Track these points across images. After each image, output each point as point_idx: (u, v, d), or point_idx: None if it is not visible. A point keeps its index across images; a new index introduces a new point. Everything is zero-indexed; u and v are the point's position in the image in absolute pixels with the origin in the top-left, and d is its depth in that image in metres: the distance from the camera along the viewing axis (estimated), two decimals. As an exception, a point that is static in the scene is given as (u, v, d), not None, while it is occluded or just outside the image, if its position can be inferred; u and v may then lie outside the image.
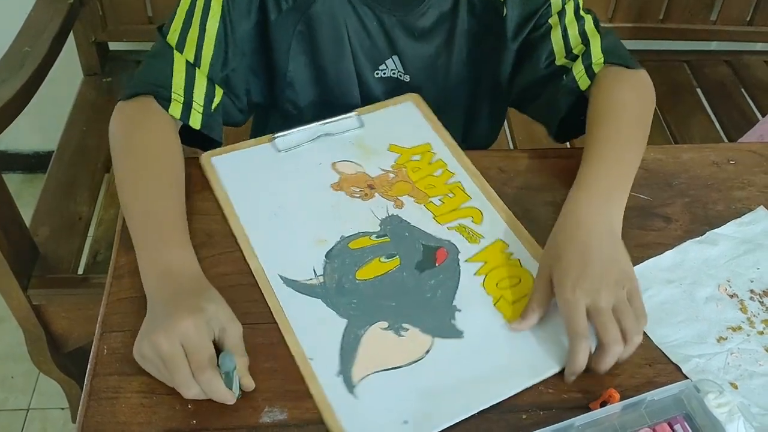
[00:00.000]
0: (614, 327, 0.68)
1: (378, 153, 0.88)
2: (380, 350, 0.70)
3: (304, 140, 0.88)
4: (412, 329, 0.72)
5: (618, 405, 0.65)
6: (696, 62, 1.77)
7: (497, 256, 0.79)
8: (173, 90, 0.83)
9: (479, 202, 0.84)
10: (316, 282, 0.75)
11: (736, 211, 0.88)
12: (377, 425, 0.65)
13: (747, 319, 0.78)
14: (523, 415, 0.67)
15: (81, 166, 1.38)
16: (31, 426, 1.56)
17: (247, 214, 0.80)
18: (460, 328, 0.73)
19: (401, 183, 0.85)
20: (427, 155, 0.89)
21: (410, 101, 0.95)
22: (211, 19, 0.85)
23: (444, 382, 0.68)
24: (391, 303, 0.74)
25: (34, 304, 1.19)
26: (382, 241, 0.79)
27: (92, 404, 0.65)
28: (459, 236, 0.81)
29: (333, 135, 0.89)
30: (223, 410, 0.65)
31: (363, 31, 0.93)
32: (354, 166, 0.87)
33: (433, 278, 0.77)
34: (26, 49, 1.24)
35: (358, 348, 0.70)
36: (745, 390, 0.71)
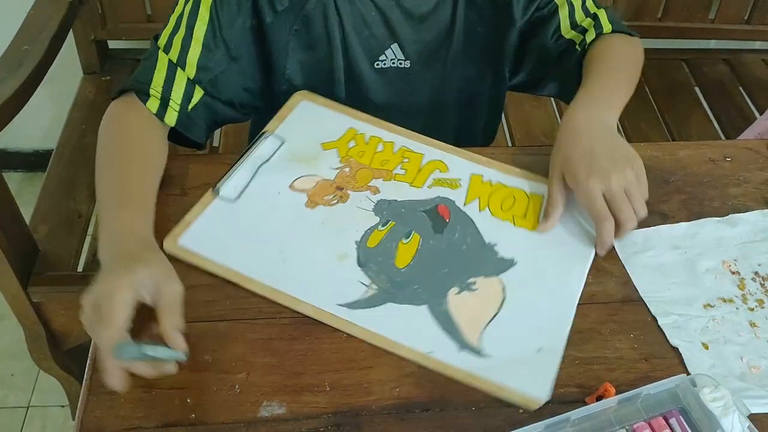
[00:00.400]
0: (628, 207, 0.78)
1: (318, 157, 0.87)
2: (470, 310, 0.74)
3: (247, 178, 0.83)
4: (478, 281, 0.77)
5: (614, 399, 0.65)
6: (694, 61, 1.77)
7: (483, 188, 0.86)
8: (152, 86, 0.85)
9: (433, 154, 0.89)
10: (374, 291, 0.75)
11: (732, 207, 0.88)
12: (523, 366, 0.70)
13: (742, 295, 0.79)
14: (519, 409, 0.68)
15: (80, 164, 1.39)
16: (31, 423, 1.56)
17: (254, 270, 0.75)
18: (509, 257, 0.79)
19: (361, 171, 0.86)
20: (359, 137, 0.90)
21: (304, 99, 0.94)
22: (199, 22, 0.87)
23: (534, 305, 0.75)
24: (443, 270, 0.78)
25: (34, 301, 1.19)
26: (389, 227, 0.81)
27: (92, 399, 0.66)
28: (442, 189, 0.85)
29: (268, 160, 0.86)
30: (221, 405, 0.66)
31: (362, 23, 0.95)
32: (309, 179, 0.85)
33: (455, 233, 0.81)
34: (25, 47, 1.24)
35: (453, 319, 0.74)
36: (715, 352, 0.73)
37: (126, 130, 0.85)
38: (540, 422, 0.63)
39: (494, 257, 0.80)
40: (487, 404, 0.68)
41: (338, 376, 0.69)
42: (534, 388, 0.69)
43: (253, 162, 0.85)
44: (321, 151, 0.87)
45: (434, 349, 0.71)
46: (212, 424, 0.65)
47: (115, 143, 0.83)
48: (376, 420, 0.66)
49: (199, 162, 0.88)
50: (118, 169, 0.81)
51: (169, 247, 0.76)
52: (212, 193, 0.81)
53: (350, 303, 0.74)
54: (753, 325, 0.76)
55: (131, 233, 0.73)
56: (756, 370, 0.72)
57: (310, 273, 0.76)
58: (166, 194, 0.83)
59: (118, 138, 0.84)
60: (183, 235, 0.77)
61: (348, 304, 0.74)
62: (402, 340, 0.71)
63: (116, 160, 0.82)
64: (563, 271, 0.79)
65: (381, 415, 0.67)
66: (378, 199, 0.83)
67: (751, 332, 0.76)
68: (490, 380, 0.69)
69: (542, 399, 0.68)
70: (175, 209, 0.81)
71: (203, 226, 0.78)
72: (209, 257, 0.76)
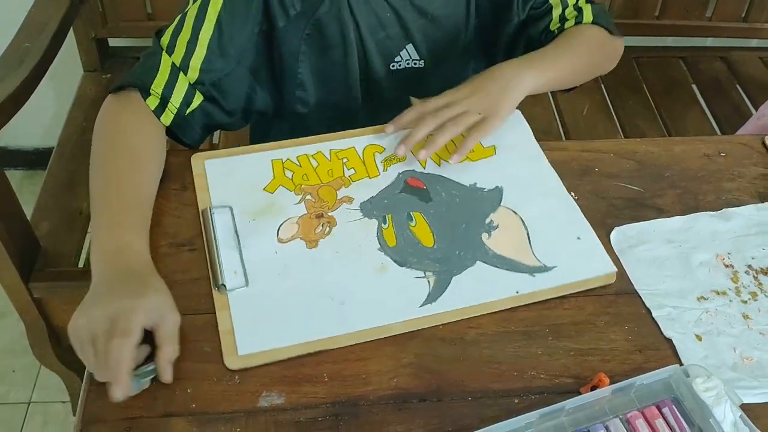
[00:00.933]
0: (442, 113, 0.86)
1: (273, 201, 0.83)
2: (509, 242, 0.81)
3: (237, 259, 0.77)
4: (492, 217, 0.83)
5: (608, 389, 0.67)
6: (691, 58, 1.78)
7: (422, 147, 0.87)
8: (153, 86, 0.85)
9: (360, 142, 0.90)
10: (434, 276, 0.77)
11: (727, 201, 0.89)
12: (581, 257, 0.81)
13: (735, 288, 0.80)
14: (515, 399, 0.69)
15: (81, 161, 1.39)
16: (32, 419, 1.57)
17: (324, 329, 0.72)
18: (492, 186, 0.87)
19: (321, 191, 0.85)
20: (288, 164, 0.87)
21: (204, 160, 0.87)
22: (206, 25, 0.86)
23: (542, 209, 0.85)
24: (462, 227, 0.82)
25: (36, 297, 1.20)
26: (390, 221, 0.82)
27: (93, 389, 0.67)
28: (395, 166, 0.88)
29: (237, 233, 0.80)
30: (221, 395, 0.67)
31: (378, 25, 0.95)
32: (288, 225, 0.81)
33: (440, 193, 0.86)
34: (26, 45, 1.24)
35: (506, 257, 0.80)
36: (708, 343, 0.75)
37: (123, 129, 0.84)
38: (535, 411, 0.64)
39: (484, 193, 0.86)
40: (484, 394, 0.69)
41: (337, 367, 0.70)
42: (602, 267, 0.80)
43: (226, 242, 0.78)
44: (270, 196, 0.84)
45: (518, 288, 0.77)
46: (212, 413, 0.66)
47: (112, 142, 0.82)
48: (373, 410, 0.67)
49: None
50: (113, 171, 0.80)
51: (234, 364, 0.69)
52: (221, 293, 0.74)
53: (428, 297, 0.76)
54: (746, 317, 0.77)
55: (131, 256, 0.73)
56: (748, 361, 0.73)
57: (373, 294, 0.75)
58: (167, 188, 0.84)
59: (114, 136, 0.83)
60: (237, 346, 0.70)
61: (427, 300, 0.75)
62: (488, 298, 0.76)
63: (111, 161, 0.81)
64: (536, 173, 0.89)
65: (379, 405, 0.68)
66: (359, 204, 0.84)
67: (744, 324, 0.77)
68: (572, 281, 0.78)
69: (614, 270, 0.79)
70: (176, 204, 0.83)
71: (245, 326, 0.72)
72: (275, 346, 0.70)
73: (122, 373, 0.63)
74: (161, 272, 0.75)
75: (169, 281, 0.74)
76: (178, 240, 0.79)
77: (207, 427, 0.65)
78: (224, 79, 0.89)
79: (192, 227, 0.80)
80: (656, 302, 0.78)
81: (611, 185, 0.90)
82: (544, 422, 0.65)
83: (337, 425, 0.66)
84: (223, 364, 0.69)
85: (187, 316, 0.72)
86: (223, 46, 0.87)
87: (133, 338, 0.65)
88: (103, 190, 0.79)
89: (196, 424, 0.65)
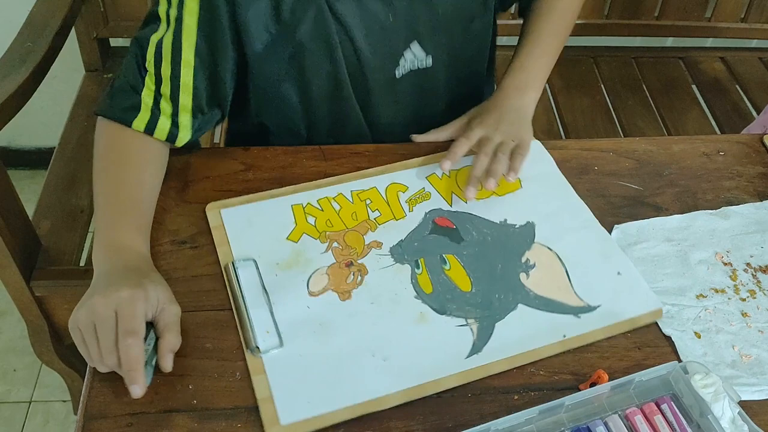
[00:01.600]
0: (490, 147, 0.86)
1: (299, 251, 0.79)
2: (549, 281, 0.79)
3: (269, 318, 0.73)
4: (528, 256, 0.81)
5: (607, 385, 0.67)
6: (691, 59, 1.78)
7: (446, 183, 0.88)
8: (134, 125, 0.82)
9: (382, 182, 0.88)
10: (476, 324, 0.74)
11: (726, 200, 0.90)
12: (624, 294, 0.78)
13: (734, 285, 0.81)
14: (514, 396, 0.69)
15: (82, 160, 1.40)
16: (34, 418, 1.57)
17: (369, 390, 0.68)
18: (523, 222, 0.85)
19: (348, 237, 0.81)
20: (309, 209, 0.84)
21: (219, 210, 0.83)
22: (184, 61, 0.82)
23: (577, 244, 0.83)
24: (498, 268, 0.80)
25: (37, 295, 1.21)
26: (423, 266, 0.79)
27: (95, 385, 0.67)
28: (420, 205, 0.86)
29: (265, 288, 0.76)
30: (223, 390, 0.67)
31: (377, 29, 0.88)
32: (317, 276, 0.77)
33: (470, 233, 0.83)
34: (28, 44, 1.25)
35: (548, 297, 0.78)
36: (707, 340, 0.75)
37: (121, 135, 0.83)
38: (534, 407, 0.65)
39: (516, 229, 0.84)
40: (483, 391, 0.69)
41: (337, 363, 0.70)
42: (647, 303, 0.77)
43: (254, 300, 0.74)
44: (294, 245, 0.80)
45: (564, 331, 0.74)
46: (214, 409, 0.66)
47: (113, 142, 0.83)
48: (374, 406, 0.67)
49: (201, 156, 0.89)
50: (115, 170, 0.80)
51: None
52: (255, 356, 0.70)
53: (473, 348, 0.72)
54: (744, 315, 0.78)
55: (131, 249, 0.74)
56: (747, 359, 0.74)
57: (416, 347, 0.72)
58: (168, 186, 0.84)
59: (116, 138, 0.83)
60: (279, 415, 0.66)
61: (472, 350, 0.72)
62: (534, 345, 0.73)
63: (114, 161, 0.81)
64: (565, 205, 0.86)
65: (379, 401, 0.68)
66: (388, 249, 0.81)
67: (743, 322, 0.77)
68: (620, 321, 0.75)
69: (660, 306, 0.77)
70: (177, 201, 0.83)
71: (284, 392, 0.68)
72: (320, 413, 0.66)
73: (139, 372, 0.64)
74: (162, 269, 0.76)
75: (170, 278, 0.75)
76: (180, 237, 0.80)
77: (208, 422, 0.65)
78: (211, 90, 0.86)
79: (193, 224, 0.81)
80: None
81: (611, 183, 0.90)
82: (543, 418, 0.65)
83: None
84: (225, 359, 0.69)
85: (188, 313, 0.72)
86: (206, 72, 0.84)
87: (141, 334, 0.65)
88: (104, 188, 0.79)
89: (197, 419, 0.65)
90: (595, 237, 0.83)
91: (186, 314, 0.72)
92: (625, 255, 0.81)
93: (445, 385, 0.69)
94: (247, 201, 0.84)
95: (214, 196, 0.84)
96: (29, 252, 1.20)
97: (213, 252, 0.78)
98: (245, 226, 0.81)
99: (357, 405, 0.67)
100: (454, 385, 0.69)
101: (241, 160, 0.88)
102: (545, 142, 0.94)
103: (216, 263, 0.77)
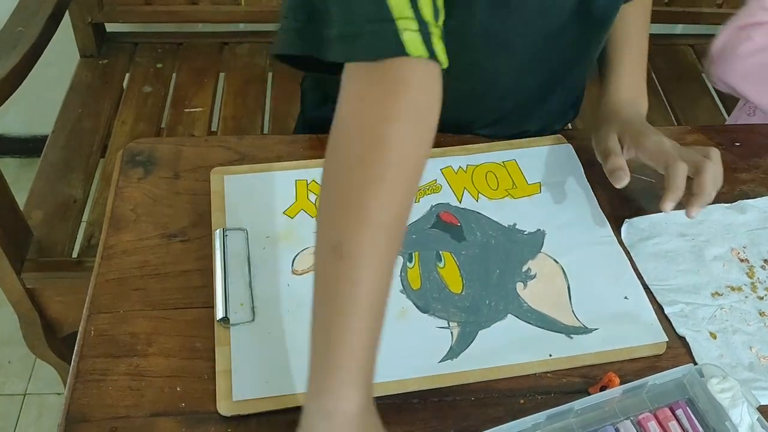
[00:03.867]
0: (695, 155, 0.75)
1: (292, 227, 0.77)
2: (547, 296, 0.73)
3: (246, 290, 0.71)
4: (531, 266, 0.76)
5: (618, 389, 0.63)
6: (702, 46, 1.74)
7: (460, 178, 0.83)
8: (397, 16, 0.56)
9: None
10: (458, 328, 0.70)
11: (742, 193, 0.86)
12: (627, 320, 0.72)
13: (751, 283, 0.77)
14: (521, 399, 0.66)
15: (76, 149, 1.37)
16: (28, 411, 1.55)
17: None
18: (534, 229, 0.79)
19: None
20: (312, 186, 0.80)
21: (223, 175, 0.80)
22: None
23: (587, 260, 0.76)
24: (496, 273, 0.75)
25: (28, 287, 1.18)
26: (417, 259, 0.76)
27: (78, 386, 0.64)
28: (428, 197, 0.81)
29: (249, 260, 0.73)
30: (212, 393, 0.64)
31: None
32: (304, 255, 0.74)
33: (475, 233, 0.78)
34: (20, 29, 1.21)
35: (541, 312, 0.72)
36: (723, 341, 0.71)
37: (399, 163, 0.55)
38: (542, 412, 0.61)
39: (524, 235, 0.79)
40: (486, 394, 0.66)
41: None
42: (650, 334, 0.71)
43: (236, 270, 0.72)
44: (289, 220, 0.77)
45: (551, 351, 0.69)
46: (202, 413, 0.63)
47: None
48: (372, 410, 0.64)
49: (191, 145, 0.85)
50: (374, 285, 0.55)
51: (227, 410, 0.62)
52: (223, 326, 0.68)
53: (449, 353, 0.68)
54: (762, 315, 0.74)
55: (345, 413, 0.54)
56: (765, 360, 0.70)
57: (390, 343, 0.62)
58: (158, 177, 0.81)
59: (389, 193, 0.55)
60: (233, 389, 0.64)
61: (447, 355, 0.68)
62: (515, 360, 0.68)
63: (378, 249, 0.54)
64: (583, 217, 0.80)
65: (378, 405, 0.64)
66: None
67: (761, 321, 0.73)
68: (616, 348, 0.69)
69: (664, 339, 0.71)
70: (167, 193, 0.79)
71: (245, 367, 0.65)
72: (277, 393, 0.64)
73: None
74: (150, 264, 0.72)
75: (158, 274, 0.72)
76: (170, 231, 0.76)
77: (197, 427, 0.62)
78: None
79: (184, 217, 0.77)
80: (668, 298, 0.74)
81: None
82: (551, 424, 0.62)
83: (334, 426, 0.63)
84: (215, 360, 0.66)
85: (177, 310, 0.69)
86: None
87: None
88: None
89: (185, 424, 0.62)
90: (609, 256, 0.78)
91: (176, 311, 0.68)
92: (636, 278, 0.75)
93: (410, 387, 0.65)
94: (252, 171, 0.82)
95: (205, 187, 0.80)
96: (20, 243, 1.18)
97: (204, 246, 0.75)
98: (245, 194, 0.79)
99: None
100: (419, 388, 0.65)
101: (234, 149, 0.85)
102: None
103: (207, 258, 0.74)
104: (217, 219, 0.77)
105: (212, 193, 0.79)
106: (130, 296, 0.69)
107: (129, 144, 0.85)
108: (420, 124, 0.57)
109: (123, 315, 0.68)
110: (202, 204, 0.79)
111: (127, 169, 0.82)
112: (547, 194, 0.83)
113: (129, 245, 0.74)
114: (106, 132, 1.41)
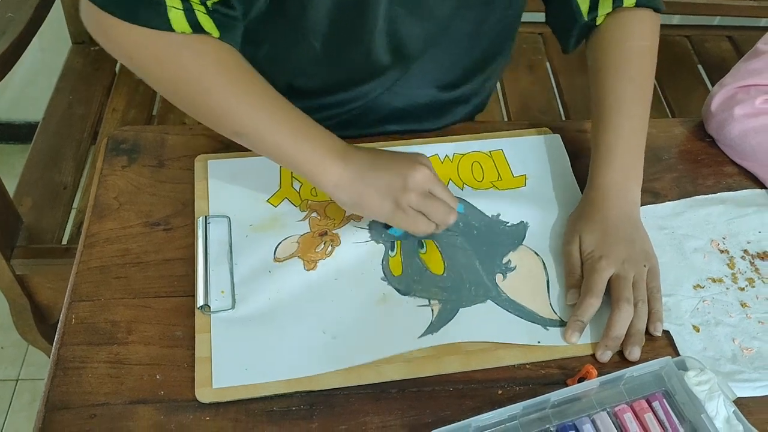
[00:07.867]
0: (629, 291, 0.70)
1: (276, 216, 0.77)
2: (526, 288, 0.73)
3: (227, 277, 0.71)
4: (511, 258, 0.76)
5: (596, 381, 0.63)
6: (697, 37, 1.73)
7: (446, 167, 0.83)
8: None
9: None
10: (439, 304, 0.70)
11: (726, 186, 0.86)
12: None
13: (732, 274, 0.77)
14: (499, 390, 0.66)
15: (67, 135, 1.36)
16: (21, 396, 1.55)
17: (311, 366, 0.66)
18: (517, 221, 0.79)
19: (329, 208, 0.77)
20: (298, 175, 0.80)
21: (207, 161, 0.81)
22: None
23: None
24: (476, 263, 0.74)
25: (18, 274, 1.18)
26: (399, 248, 0.75)
27: (58, 374, 0.64)
28: None
29: (231, 248, 0.74)
30: (192, 381, 0.64)
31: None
32: (287, 243, 0.75)
33: (458, 222, 0.74)
34: (9, 15, 1.21)
35: (519, 303, 0.72)
36: (706, 334, 0.71)
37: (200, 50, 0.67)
38: (519, 403, 0.61)
39: (506, 227, 0.78)
40: (465, 385, 0.66)
41: (313, 353, 0.67)
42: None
43: (218, 257, 0.72)
44: (272, 209, 0.77)
45: (531, 337, 0.69)
46: (182, 401, 0.63)
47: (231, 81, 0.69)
48: (350, 400, 0.64)
49: (176, 133, 0.85)
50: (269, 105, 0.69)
51: (206, 397, 0.63)
52: (203, 313, 0.68)
53: (429, 328, 0.68)
54: (744, 305, 0.74)
55: (349, 146, 0.71)
56: (748, 352, 0.70)
57: (368, 330, 0.68)
58: (142, 165, 0.81)
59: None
60: (213, 376, 0.64)
61: (428, 330, 0.68)
62: (497, 338, 0.68)
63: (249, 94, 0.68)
64: (568, 212, 0.79)
65: (356, 395, 0.65)
66: (368, 224, 0.76)
67: (742, 312, 0.74)
68: (587, 343, 0.69)
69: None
70: (150, 180, 0.79)
71: (225, 354, 0.66)
72: (256, 381, 0.64)
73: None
74: (132, 252, 0.72)
75: (141, 262, 0.72)
76: (152, 219, 0.76)
77: (176, 415, 0.62)
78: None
79: (167, 206, 0.77)
80: (650, 291, 0.74)
81: (607, 167, 0.86)
82: (527, 414, 0.62)
83: (311, 415, 0.63)
84: (195, 348, 0.66)
85: (159, 298, 0.69)
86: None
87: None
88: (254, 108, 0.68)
89: (164, 411, 0.62)
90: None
91: (156, 300, 0.69)
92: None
93: (389, 376, 0.65)
94: (238, 156, 0.81)
95: (189, 176, 0.80)
96: (10, 229, 1.17)
97: (187, 234, 0.75)
98: (229, 181, 0.79)
99: (293, 380, 0.64)
100: (397, 377, 0.65)
101: (219, 138, 0.84)
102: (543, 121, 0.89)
103: (190, 247, 0.74)
104: (201, 207, 0.77)
105: (196, 180, 0.79)
106: (111, 284, 0.70)
107: (113, 132, 0.84)
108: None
109: (104, 303, 0.68)
110: (185, 193, 0.79)
111: (111, 157, 0.81)
112: (532, 187, 0.83)
113: (111, 233, 0.74)
114: (97, 119, 1.41)
